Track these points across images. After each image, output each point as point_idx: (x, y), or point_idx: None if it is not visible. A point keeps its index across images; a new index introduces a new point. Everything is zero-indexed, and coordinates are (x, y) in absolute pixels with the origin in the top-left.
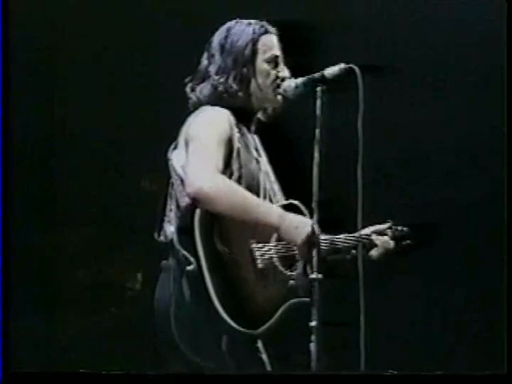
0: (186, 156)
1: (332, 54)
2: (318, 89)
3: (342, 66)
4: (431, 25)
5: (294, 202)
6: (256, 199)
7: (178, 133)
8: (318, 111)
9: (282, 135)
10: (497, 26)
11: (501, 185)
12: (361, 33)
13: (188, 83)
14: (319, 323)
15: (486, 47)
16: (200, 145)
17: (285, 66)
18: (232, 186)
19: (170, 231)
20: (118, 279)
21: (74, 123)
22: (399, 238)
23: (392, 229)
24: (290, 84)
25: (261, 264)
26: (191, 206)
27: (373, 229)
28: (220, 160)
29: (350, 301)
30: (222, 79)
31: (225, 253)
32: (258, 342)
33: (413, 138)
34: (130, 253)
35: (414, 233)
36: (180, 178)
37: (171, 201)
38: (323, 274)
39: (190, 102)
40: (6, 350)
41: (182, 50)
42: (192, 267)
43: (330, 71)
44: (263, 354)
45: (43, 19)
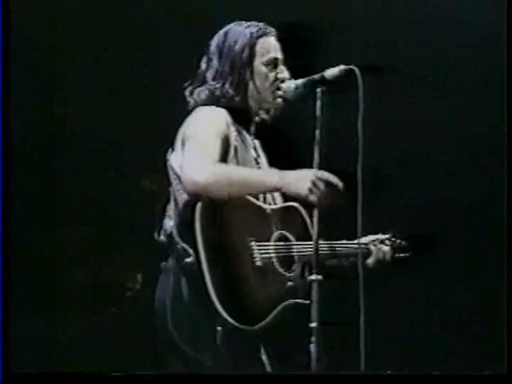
0: (183, 154)
1: (332, 55)
2: (318, 90)
3: (342, 67)
4: (431, 25)
5: (294, 204)
6: (252, 171)
7: (177, 133)
8: (318, 112)
9: (281, 136)
10: (497, 26)
11: (501, 185)
12: (361, 33)
13: (187, 87)
14: (319, 324)
15: (486, 47)
16: (196, 143)
17: (284, 68)
18: (226, 168)
19: (170, 225)
20: (118, 279)
21: (74, 123)
22: (397, 250)
23: (391, 240)
24: (289, 85)
25: (259, 262)
26: (190, 202)
27: (372, 238)
28: (216, 155)
29: (349, 301)
30: (219, 84)
31: (225, 247)
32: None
33: (413, 137)
34: (130, 253)
35: (412, 244)
36: (178, 177)
37: (171, 200)
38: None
39: (189, 105)
40: (6, 350)
41: (182, 51)
42: (191, 259)
43: (330, 72)
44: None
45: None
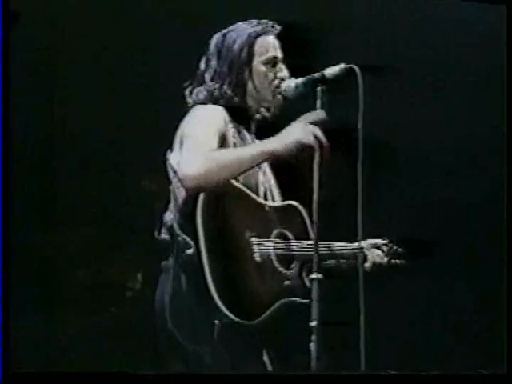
0: (180, 153)
1: (332, 54)
2: (318, 89)
3: (343, 66)
4: (431, 25)
5: (293, 203)
6: (242, 148)
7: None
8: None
9: None
10: (497, 26)
11: (501, 185)
12: (361, 33)
13: (187, 87)
14: (319, 323)
15: (486, 47)
16: (194, 141)
17: (284, 66)
18: (215, 153)
19: (170, 218)
20: (118, 279)
21: (74, 123)
22: (393, 257)
23: (388, 246)
24: (289, 84)
25: (258, 258)
26: (190, 198)
27: (371, 242)
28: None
29: (349, 301)
30: (218, 85)
31: (225, 240)
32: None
33: (413, 137)
34: (130, 253)
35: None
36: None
37: (171, 199)
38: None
39: (188, 105)
40: (6, 350)
41: (182, 50)
42: (191, 251)
43: (330, 71)
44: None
45: (43, 19)
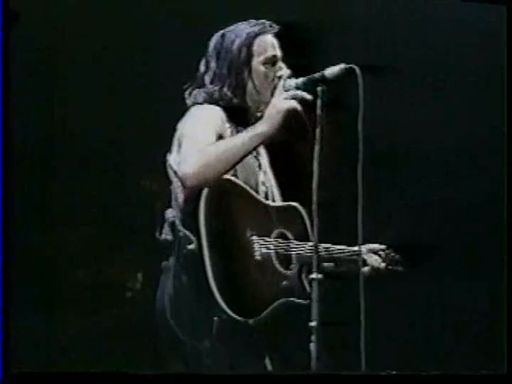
0: (179, 153)
1: (332, 54)
2: (319, 89)
3: (343, 66)
4: (431, 25)
5: (294, 203)
6: (234, 137)
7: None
8: (319, 111)
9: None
10: (497, 26)
11: (501, 185)
12: (361, 33)
13: (187, 89)
14: (319, 323)
15: (486, 47)
16: (192, 140)
17: (283, 65)
18: (208, 147)
19: (172, 215)
20: (118, 279)
21: (74, 123)
22: (390, 263)
23: (385, 252)
24: (290, 84)
25: (259, 256)
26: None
27: (369, 247)
28: None
29: (349, 301)
30: (217, 87)
31: (226, 237)
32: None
33: (413, 137)
34: (130, 253)
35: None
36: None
37: (172, 199)
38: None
39: (188, 106)
40: (6, 350)
41: (182, 51)
42: (193, 246)
43: (330, 71)
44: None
45: (43, 19)
